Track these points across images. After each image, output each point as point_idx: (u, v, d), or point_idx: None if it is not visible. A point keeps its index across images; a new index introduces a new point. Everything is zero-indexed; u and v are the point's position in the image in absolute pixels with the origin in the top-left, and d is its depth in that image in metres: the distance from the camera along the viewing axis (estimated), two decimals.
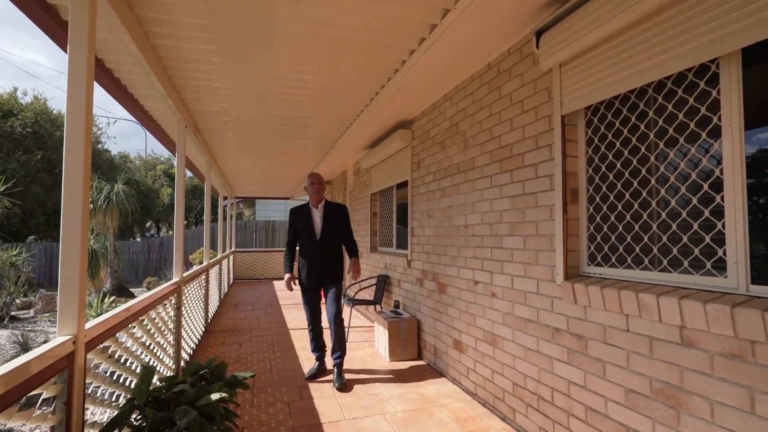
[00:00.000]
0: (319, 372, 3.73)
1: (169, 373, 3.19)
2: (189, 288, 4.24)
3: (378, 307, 5.44)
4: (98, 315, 6.22)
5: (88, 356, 1.67)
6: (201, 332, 5.09)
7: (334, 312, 3.66)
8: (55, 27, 2.20)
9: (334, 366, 3.60)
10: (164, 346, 3.10)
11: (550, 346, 2.38)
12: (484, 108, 3.10)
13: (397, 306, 4.71)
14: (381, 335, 4.36)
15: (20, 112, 14.56)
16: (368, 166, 6.02)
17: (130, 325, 2.29)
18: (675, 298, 1.62)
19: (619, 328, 1.92)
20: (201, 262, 11.44)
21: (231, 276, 10.57)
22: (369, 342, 4.89)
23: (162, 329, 3.05)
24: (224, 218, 14.30)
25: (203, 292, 5.34)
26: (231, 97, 3.67)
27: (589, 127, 2.27)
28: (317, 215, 3.74)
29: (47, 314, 6.58)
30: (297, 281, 3.81)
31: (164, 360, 3.08)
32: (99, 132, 19.27)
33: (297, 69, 3.15)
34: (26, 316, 8.29)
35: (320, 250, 3.67)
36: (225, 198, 11.22)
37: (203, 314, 5.31)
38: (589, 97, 2.11)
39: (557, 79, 2.32)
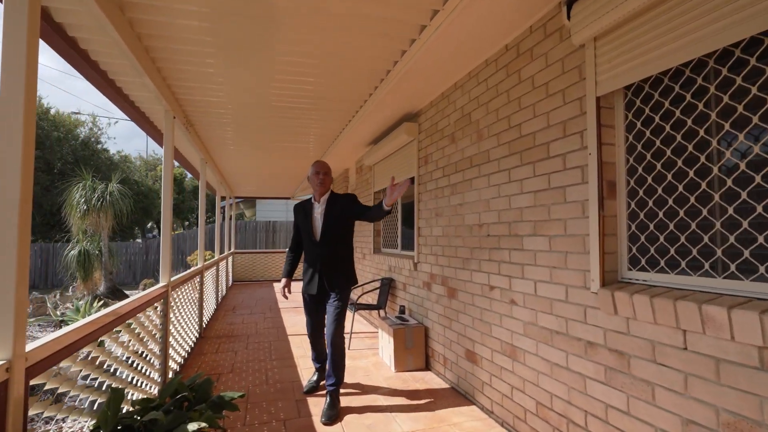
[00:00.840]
0: (319, 384, 3.43)
1: (155, 388, 2.90)
2: (180, 292, 3.95)
3: (382, 312, 5.14)
4: None
5: (35, 381, 1.38)
6: (195, 338, 4.80)
7: (333, 332, 3.00)
8: None
9: (327, 394, 3.02)
10: (148, 358, 2.81)
11: (582, 362, 2.07)
12: (500, 95, 2.80)
13: (402, 311, 4.41)
14: (386, 343, 4.06)
15: None
16: (371, 163, 5.73)
17: (99, 339, 1.99)
18: (754, 313, 1.31)
19: (674, 345, 1.61)
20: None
21: (230, 278, 10.28)
22: (373, 350, 4.58)
23: (145, 339, 2.76)
24: (222, 218, 13.96)
25: (197, 296, 5.05)
26: (226, 84, 3.37)
27: (630, 110, 1.96)
28: (318, 211, 3.15)
29: (33, 319, 6.30)
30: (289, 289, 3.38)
31: (149, 373, 2.79)
32: (99, 132, 19.05)
33: (299, 51, 2.85)
34: None
35: (321, 252, 3.09)
36: (223, 198, 10.94)
37: (197, 320, 5.01)
38: (632, 74, 1.80)
39: (591, 56, 2.01)
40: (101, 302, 6.63)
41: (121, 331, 2.32)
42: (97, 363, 1.98)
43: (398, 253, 5.04)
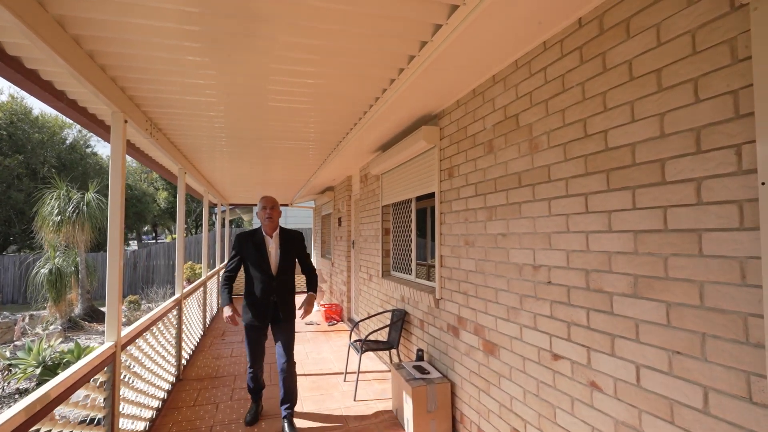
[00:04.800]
0: (259, 414, 3.43)
1: None
2: (143, 342, 3.16)
3: (395, 353, 4.36)
4: (39, 365, 5.07)
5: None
6: (171, 383, 4.01)
7: (286, 361, 3.18)
8: None
9: (284, 418, 3.17)
10: None
11: None
12: (569, 89, 2.00)
13: (420, 357, 3.61)
14: (403, 401, 3.27)
15: None
16: (379, 173, 4.93)
17: None
18: None
19: None
20: (188, 279, 10.37)
21: None
22: (383, 400, 3.79)
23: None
24: (210, 227, 13.14)
25: (174, 332, 4.25)
26: (215, 82, 2.59)
27: None
28: (272, 245, 3.20)
29: (4, 345, 5.44)
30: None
31: None
32: (88, 135, 18.19)
33: (300, 44, 2.06)
34: None
35: (277, 285, 3.17)
36: (214, 205, 10.14)
37: (174, 360, 4.22)
38: None
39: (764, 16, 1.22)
40: (59, 341, 5.80)
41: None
42: None
43: (413, 281, 4.25)
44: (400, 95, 2.84)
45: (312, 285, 3.35)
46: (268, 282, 3.14)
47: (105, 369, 2.32)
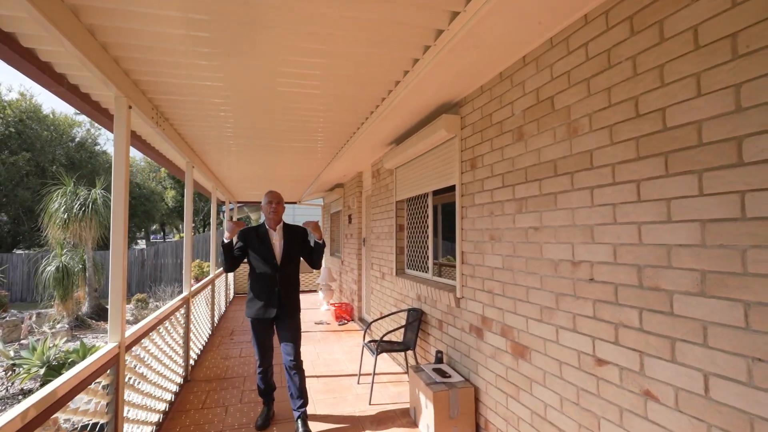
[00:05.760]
0: (270, 419, 3.31)
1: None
2: (149, 342, 3.01)
3: (412, 355, 4.18)
4: (43, 365, 4.98)
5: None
6: (179, 384, 3.86)
7: (293, 359, 3.12)
8: None
9: (297, 419, 3.09)
10: None
11: None
12: (617, 65, 1.80)
13: (439, 359, 3.42)
14: (423, 406, 3.08)
15: (2, 110, 13.38)
16: (393, 166, 4.75)
17: None
18: None
19: None
20: (196, 277, 10.26)
21: (231, 291, 9.35)
22: (401, 405, 3.61)
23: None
24: (218, 226, 13.10)
25: (181, 332, 4.11)
26: (222, 72, 2.43)
27: None
28: (276, 237, 3.25)
29: (10, 344, 5.32)
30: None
31: None
32: (98, 133, 18.19)
33: (309, 31, 1.89)
34: None
35: (281, 276, 3.17)
36: (222, 203, 10.04)
37: (182, 360, 4.08)
38: None
39: None
40: (63, 340, 5.68)
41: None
42: None
43: (429, 279, 4.06)
44: (421, 78, 2.64)
45: (315, 246, 3.31)
46: (272, 273, 3.15)
47: (108, 372, 2.16)
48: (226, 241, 3.07)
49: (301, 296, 3.33)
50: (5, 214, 13.78)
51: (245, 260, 3.24)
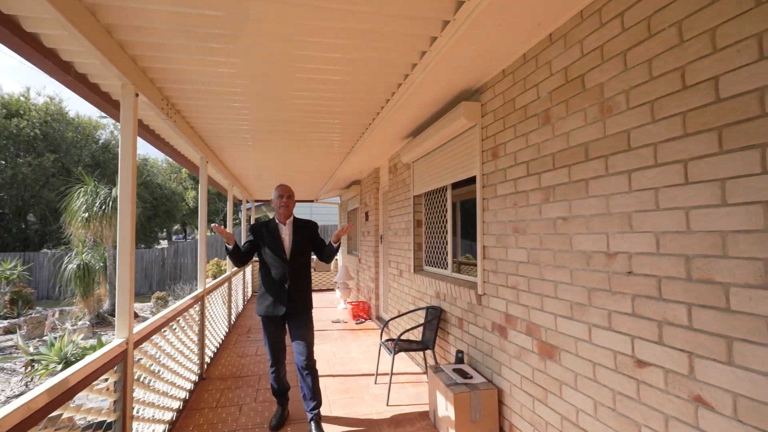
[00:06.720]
0: (285, 419, 3.23)
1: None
2: (161, 339, 2.95)
3: (430, 354, 4.03)
4: (61, 361, 5.03)
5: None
6: (193, 382, 3.81)
7: (305, 358, 3.04)
8: None
9: (310, 421, 3.03)
10: None
11: None
12: (658, 33, 1.62)
13: (460, 359, 3.26)
14: (443, 408, 2.93)
15: (27, 112, 13.81)
16: (410, 160, 4.60)
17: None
18: None
19: None
20: (214, 276, 10.32)
21: (249, 289, 9.36)
22: (419, 406, 3.46)
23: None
24: (236, 225, 13.15)
25: (197, 328, 4.06)
26: (236, 63, 2.33)
27: None
28: (286, 231, 3.21)
29: (32, 341, 5.40)
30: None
31: None
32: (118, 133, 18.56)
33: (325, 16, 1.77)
34: (6, 343, 7.02)
35: (291, 271, 3.10)
36: (241, 202, 10.06)
37: (197, 358, 4.03)
38: None
39: None
40: (82, 335, 5.72)
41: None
42: None
43: (449, 275, 3.90)
44: (439, 59, 2.49)
45: (328, 245, 3.25)
46: (282, 267, 3.10)
47: (115, 368, 2.08)
48: (229, 247, 3.08)
49: (319, 295, 3.24)
50: (33, 215, 14.20)
51: (255, 257, 3.19)
